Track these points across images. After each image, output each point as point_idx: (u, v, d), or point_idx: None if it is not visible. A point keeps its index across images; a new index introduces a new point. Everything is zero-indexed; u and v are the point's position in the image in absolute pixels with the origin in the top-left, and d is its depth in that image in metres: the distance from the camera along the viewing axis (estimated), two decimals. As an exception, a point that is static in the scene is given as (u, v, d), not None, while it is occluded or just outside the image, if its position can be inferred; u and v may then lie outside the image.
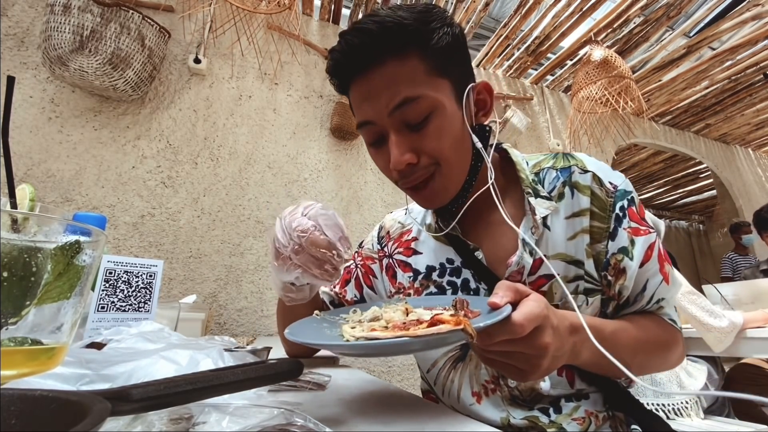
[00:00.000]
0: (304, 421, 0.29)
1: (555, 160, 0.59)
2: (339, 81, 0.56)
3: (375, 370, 1.79)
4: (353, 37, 0.50)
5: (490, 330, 0.34)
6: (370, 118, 0.52)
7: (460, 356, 0.59)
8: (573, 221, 0.54)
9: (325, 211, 0.50)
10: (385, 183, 2.10)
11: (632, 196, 0.55)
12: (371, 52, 0.50)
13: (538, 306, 0.36)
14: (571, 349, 0.42)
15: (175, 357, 0.38)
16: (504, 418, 0.54)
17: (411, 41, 0.49)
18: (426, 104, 0.50)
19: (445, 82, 0.52)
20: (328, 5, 2.12)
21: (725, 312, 1.49)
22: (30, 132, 1.46)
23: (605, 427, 0.53)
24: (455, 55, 0.53)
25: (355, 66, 0.51)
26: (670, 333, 0.56)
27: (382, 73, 0.50)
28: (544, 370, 0.37)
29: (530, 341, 0.35)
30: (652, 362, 0.54)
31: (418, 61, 0.50)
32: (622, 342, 0.49)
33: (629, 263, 0.52)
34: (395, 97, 0.49)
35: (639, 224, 0.54)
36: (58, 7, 1.36)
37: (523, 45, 2.45)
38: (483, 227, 0.60)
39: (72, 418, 0.17)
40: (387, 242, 0.72)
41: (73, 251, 0.26)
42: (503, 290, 0.37)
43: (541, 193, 0.56)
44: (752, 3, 2.23)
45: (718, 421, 1.44)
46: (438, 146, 0.51)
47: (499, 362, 0.38)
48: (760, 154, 4.09)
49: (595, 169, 0.56)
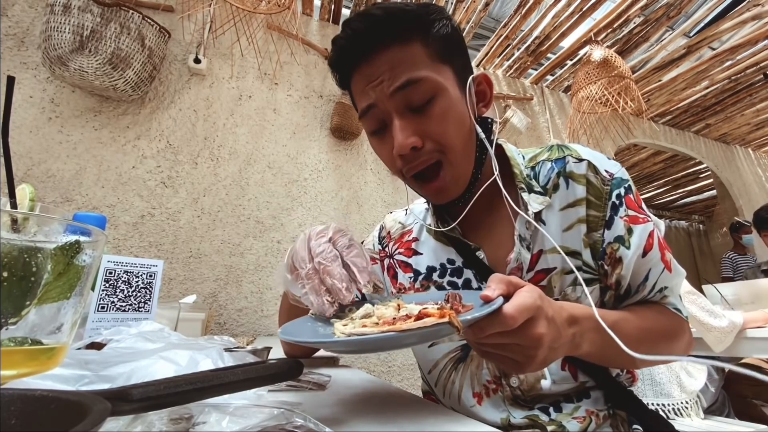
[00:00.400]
0: (304, 421, 0.29)
1: (550, 152, 0.59)
2: (342, 70, 0.56)
3: (375, 370, 1.79)
4: (359, 23, 0.51)
5: (483, 323, 0.34)
6: (372, 101, 0.52)
7: (461, 357, 0.59)
8: (568, 212, 0.54)
9: (353, 248, 0.47)
10: (385, 183, 2.09)
11: (629, 184, 0.55)
12: (376, 37, 0.50)
13: (531, 297, 0.35)
14: (570, 341, 0.41)
15: (174, 357, 0.38)
16: (504, 419, 0.54)
17: (414, 28, 0.51)
18: (429, 86, 0.50)
19: (447, 69, 0.52)
20: (328, 5, 2.12)
21: (725, 312, 1.49)
22: (30, 132, 1.46)
23: (606, 426, 0.53)
24: (455, 45, 0.54)
25: (359, 52, 0.52)
26: (676, 322, 0.55)
27: (386, 56, 0.50)
28: (540, 361, 0.37)
29: (523, 333, 0.35)
30: (657, 352, 0.53)
31: (420, 47, 0.51)
32: (624, 332, 0.48)
33: (625, 252, 0.52)
34: (399, 78, 0.49)
35: (637, 212, 0.54)
36: (58, 7, 1.36)
37: (523, 45, 2.45)
38: (483, 227, 0.60)
39: (72, 418, 0.17)
40: (388, 242, 0.72)
41: (73, 251, 0.26)
42: (496, 283, 0.36)
43: (534, 188, 0.56)
44: (752, 3, 2.23)
45: (718, 421, 1.44)
46: (443, 130, 0.51)
47: (496, 355, 0.38)
48: (760, 154, 4.09)
49: (590, 158, 0.56)
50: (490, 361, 0.40)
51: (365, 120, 0.55)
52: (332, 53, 0.55)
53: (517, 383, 0.54)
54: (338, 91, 2.07)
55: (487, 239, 0.59)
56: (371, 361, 1.79)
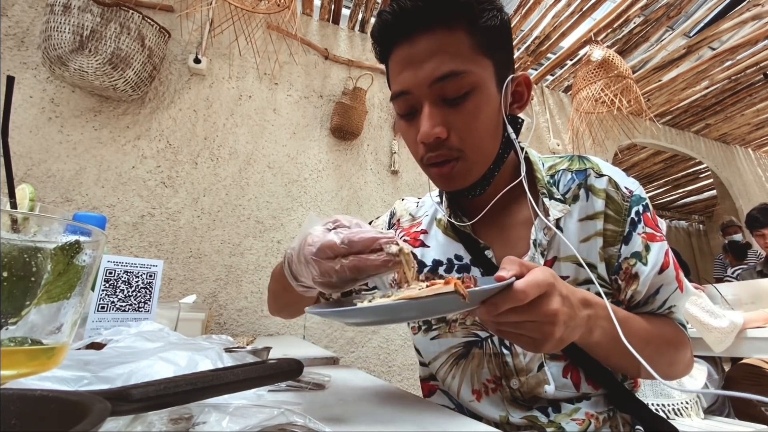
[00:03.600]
0: (304, 421, 0.29)
1: (570, 163, 0.59)
2: (384, 45, 0.55)
3: (375, 370, 1.79)
4: (407, 0, 0.49)
5: (496, 300, 0.35)
6: (407, 87, 0.51)
7: (462, 353, 0.59)
8: (586, 224, 0.54)
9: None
10: (385, 183, 2.10)
11: (646, 202, 0.56)
12: (421, 16, 0.49)
13: (543, 274, 0.36)
14: (585, 323, 0.41)
15: (174, 358, 0.38)
16: (503, 416, 0.54)
17: (461, 14, 0.49)
18: (468, 80, 0.49)
19: (488, 63, 0.51)
20: (328, 5, 2.12)
21: (725, 312, 1.49)
22: (30, 132, 1.46)
23: (605, 428, 0.53)
24: (501, 39, 0.53)
25: (403, 29, 0.51)
26: (681, 335, 0.56)
27: (429, 39, 0.49)
28: (558, 339, 0.37)
29: (538, 309, 0.35)
30: (661, 359, 0.53)
31: (465, 35, 0.50)
32: (634, 329, 0.48)
33: (642, 268, 0.52)
34: (440, 68, 0.49)
35: (654, 230, 0.54)
36: (58, 7, 1.36)
37: (523, 45, 2.45)
38: (495, 227, 0.60)
39: (72, 418, 0.17)
40: (396, 229, 0.72)
41: (73, 251, 0.26)
42: (509, 264, 0.37)
43: (555, 195, 0.56)
44: (752, 3, 2.23)
45: (718, 421, 1.44)
46: (470, 126, 0.51)
47: (512, 333, 0.38)
48: (760, 154, 4.08)
49: (611, 173, 0.56)
50: (507, 338, 0.40)
51: (397, 103, 0.55)
52: (376, 24, 0.54)
53: (517, 385, 0.54)
54: (338, 91, 2.07)
55: (498, 239, 0.59)
56: (371, 361, 1.79)
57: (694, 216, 6.90)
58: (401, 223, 0.72)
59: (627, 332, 0.39)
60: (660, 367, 0.53)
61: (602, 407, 0.54)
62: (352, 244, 0.39)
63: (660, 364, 0.53)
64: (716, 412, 1.54)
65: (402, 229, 0.71)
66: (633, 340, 0.43)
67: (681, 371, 0.57)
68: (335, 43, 2.20)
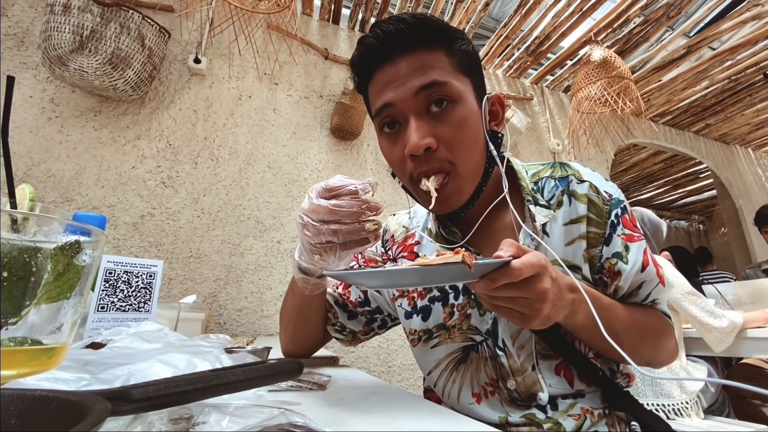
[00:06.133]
0: (304, 421, 0.29)
1: (552, 170, 0.62)
2: (364, 71, 0.56)
3: (375, 370, 1.79)
4: (389, 25, 0.52)
5: (493, 275, 0.38)
6: (391, 100, 0.52)
7: (461, 358, 0.60)
8: (570, 228, 0.57)
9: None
10: (385, 183, 2.09)
11: (625, 204, 0.59)
12: (403, 39, 0.52)
13: (536, 257, 0.39)
14: (570, 305, 0.45)
15: (173, 360, 0.38)
16: (502, 418, 0.55)
17: (439, 38, 0.53)
18: (453, 91, 0.52)
19: (467, 81, 0.55)
20: (328, 5, 2.12)
21: (725, 312, 1.49)
22: (30, 132, 1.46)
23: (601, 425, 0.54)
24: (474, 64, 0.57)
25: (385, 52, 0.53)
26: (664, 323, 0.59)
27: (411, 59, 0.52)
28: (545, 316, 0.41)
29: (530, 286, 0.39)
30: (645, 345, 0.56)
31: (444, 55, 0.53)
32: (617, 315, 0.52)
33: (624, 266, 0.55)
34: (424, 78, 0.51)
35: (632, 231, 0.58)
36: (58, 7, 1.36)
37: (523, 45, 2.45)
38: (484, 234, 0.61)
39: (72, 418, 0.17)
40: (391, 245, 0.73)
41: (73, 251, 0.26)
42: (507, 246, 0.41)
43: (539, 201, 0.59)
44: (752, 3, 2.23)
45: (718, 421, 1.44)
46: (457, 137, 0.52)
47: (504, 308, 0.41)
48: (760, 154, 4.08)
49: (591, 179, 0.60)
50: (499, 313, 0.44)
51: (379, 119, 0.55)
52: (357, 52, 0.56)
53: (513, 386, 0.55)
54: (338, 91, 2.07)
55: (488, 246, 0.60)
56: (371, 361, 1.80)
57: (694, 216, 6.90)
58: (395, 239, 0.73)
59: (610, 317, 0.42)
60: (643, 353, 0.57)
61: (598, 404, 0.55)
62: (337, 213, 0.44)
63: (643, 350, 0.56)
64: (716, 412, 1.54)
65: (398, 245, 0.72)
66: (616, 326, 0.46)
67: (665, 358, 0.60)
68: (335, 43, 2.20)
